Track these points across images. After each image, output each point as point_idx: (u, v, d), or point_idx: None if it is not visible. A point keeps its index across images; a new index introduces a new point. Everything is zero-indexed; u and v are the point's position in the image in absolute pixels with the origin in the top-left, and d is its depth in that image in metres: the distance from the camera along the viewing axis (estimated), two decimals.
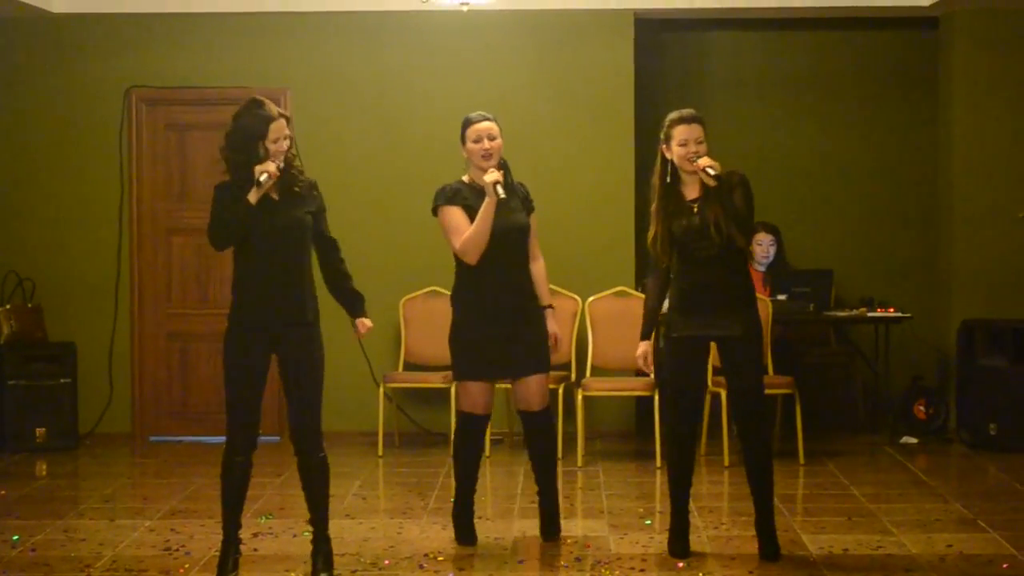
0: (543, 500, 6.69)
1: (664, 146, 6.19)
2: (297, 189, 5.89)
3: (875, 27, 10.35)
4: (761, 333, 6.34)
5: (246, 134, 5.78)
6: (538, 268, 6.55)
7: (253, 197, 5.74)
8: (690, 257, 6.17)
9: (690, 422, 6.32)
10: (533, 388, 6.49)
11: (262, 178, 5.71)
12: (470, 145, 6.38)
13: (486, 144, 6.35)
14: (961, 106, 9.72)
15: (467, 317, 6.46)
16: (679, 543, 6.35)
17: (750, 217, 6.16)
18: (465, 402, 6.54)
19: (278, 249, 5.81)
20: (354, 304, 6.15)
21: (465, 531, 6.64)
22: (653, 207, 6.24)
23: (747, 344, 6.19)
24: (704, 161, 6.06)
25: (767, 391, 6.44)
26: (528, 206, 6.53)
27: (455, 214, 6.38)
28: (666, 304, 6.34)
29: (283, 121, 5.82)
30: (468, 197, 6.39)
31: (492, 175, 6.27)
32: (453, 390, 7.68)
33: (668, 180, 6.19)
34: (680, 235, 6.15)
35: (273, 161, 5.76)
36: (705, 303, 6.15)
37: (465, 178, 6.47)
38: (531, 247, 6.54)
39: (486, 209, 6.28)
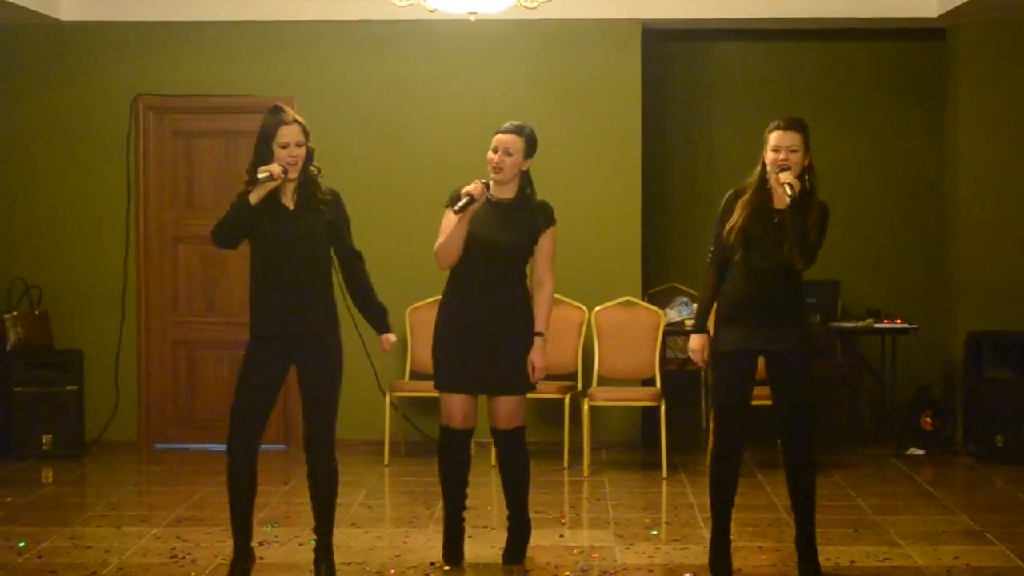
0: (511, 523, 6.51)
1: (765, 149, 5.98)
2: (316, 203, 5.87)
3: (881, 38, 10.35)
4: (812, 349, 6.16)
5: (260, 136, 5.82)
6: (541, 293, 6.28)
7: (254, 197, 5.76)
8: (749, 265, 5.97)
9: (737, 439, 6.07)
10: (501, 407, 6.31)
11: (261, 175, 5.72)
12: (489, 153, 6.27)
13: (499, 156, 6.23)
14: (968, 117, 9.71)
15: (444, 326, 6.37)
16: (722, 563, 6.14)
17: (817, 246, 5.92)
18: (442, 414, 6.41)
19: (289, 259, 5.82)
20: (379, 319, 6.18)
21: (451, 549, 6.47)
22: (744, 199, 6.00)
23: (798, 359, 5.98)
24: (784, 176, 5.83)
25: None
26: (535, 228, 6.26)
27: (446, 217, 6.28)
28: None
29: (296, 127, 5.81)
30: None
31: (468, 187, 6.15)
32: None
33: (766, 181, 5.97)
34: (754, 238, 5.93)
35: (281, 165, 5.76)
36: (755, 316, 5.95)
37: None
38: (538, 269, 6.31)
39: (458, 220, 6.16)
